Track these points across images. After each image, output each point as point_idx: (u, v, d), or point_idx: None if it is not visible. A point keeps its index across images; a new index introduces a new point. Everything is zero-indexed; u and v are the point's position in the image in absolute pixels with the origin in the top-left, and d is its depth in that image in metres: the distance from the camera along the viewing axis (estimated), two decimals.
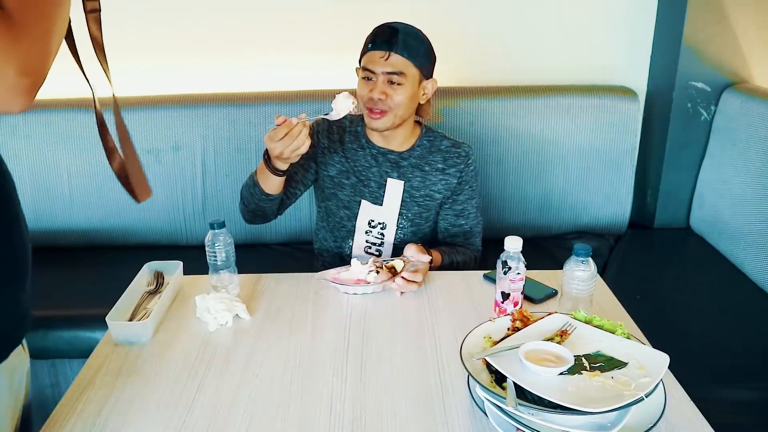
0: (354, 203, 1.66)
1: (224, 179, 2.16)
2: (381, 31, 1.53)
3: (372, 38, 1.54)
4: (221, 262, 1.36)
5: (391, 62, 1.50)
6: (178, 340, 1.25)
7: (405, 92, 1.53)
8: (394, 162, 1.64)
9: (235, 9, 2.17)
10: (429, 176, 1.64)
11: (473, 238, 1.71)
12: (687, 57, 2.10)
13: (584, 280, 1.24)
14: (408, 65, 1.52)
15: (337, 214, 1.69)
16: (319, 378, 1.12)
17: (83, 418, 1.03)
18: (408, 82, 1.53)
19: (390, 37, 1.51)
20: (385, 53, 1.50)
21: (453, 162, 1.65)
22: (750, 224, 1.91)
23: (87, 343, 1.72)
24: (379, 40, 1.52)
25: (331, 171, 1.67)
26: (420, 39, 1.56)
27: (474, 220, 1.70)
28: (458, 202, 1.67)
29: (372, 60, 1.52)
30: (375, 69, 1.51)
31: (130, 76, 2.24)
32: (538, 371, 0.93)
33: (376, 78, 1.52)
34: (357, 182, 1.65)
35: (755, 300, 1.83)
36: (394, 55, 1.50)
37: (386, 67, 1.51)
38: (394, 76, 1.51)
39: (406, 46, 1.51)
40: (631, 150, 2.18)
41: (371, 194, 1.65)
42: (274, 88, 2.18)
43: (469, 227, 1.69)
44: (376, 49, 1.51)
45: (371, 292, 1.40)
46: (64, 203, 2.17)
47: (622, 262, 2.09)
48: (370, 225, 1.67)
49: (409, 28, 1.55)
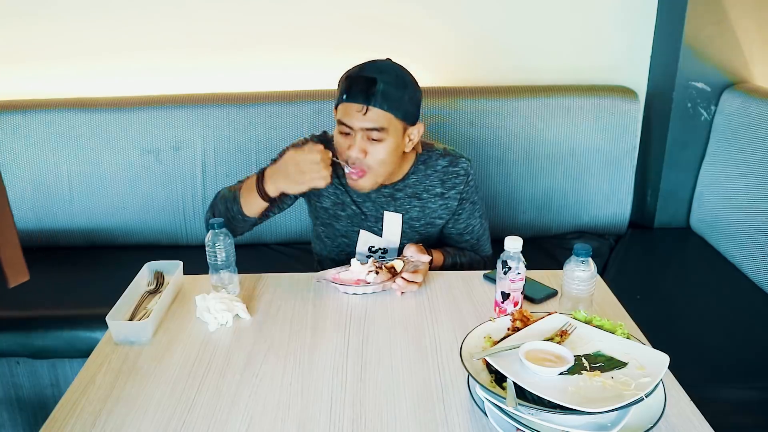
0: (352, 232, 1.57)
1: (224, 179, 2.15)
2: (356, 81, 1.33)
3: (347, 87, 1.34)
4: (221, 262, 1.35)
5: (370, 117, 1.33)
6: (178, 340, 1.25)
7: (386, 148, 1.37)
8: (389, 195, 1.52)
9: (235, 9, 2.16)
10: (428, 204, 1.53)
11: (481, 246, 1.65)
12: (687, 57, 2.10)
13: (584, 280, 1.24)
14: (389, 119, 1.34)
15: (335, 240, 1.62)
16: (319, 378, 1.12)
17: (83, 418, 1.03)
18: (390, 136, 1.36)
19: (367, 87, 1.31)
20: (362, 107, 1.32)
21: (452, 184, 1.52)
22: (750, 224, 1.91)
23: (87, 343, 1.72)
24: (355, 91, 1.32)
25: (325, 203, 1.56)
26: (402, 84, 1.36)
27: (479, 230, 1.62)
28: (460, 221, 1.58)
29: (348, 113, 1.34)
30: (352, 124, 1.34)
31: (130, 76, 2.24)
32: (538, 371, 0.93)
33: (354, 133, 1.36)
34: (353, 214, 1.55)
35: (755, 300, 1.83)
36: (373, 109, 1.32)
37: (364, 122, 1.33)
38: (374, 132, 1.34)
39: (386, 97, 1.32)
40: (631, 150, 2.18)
41: (369, 227, 1.56)
42: (274, 88, 2.18)
43: (475, 239, 1.63)
44: (352, 101, 1.33)
45: (371, 293, 1.40)
46: (64, 203, 2.17)
47: (622, 262, 2.09)
48: (370, 250, 1.60)
49: (387, 74, 1.34)
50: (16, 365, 1.84)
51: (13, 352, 1.80)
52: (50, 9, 2.15)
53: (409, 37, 2.18)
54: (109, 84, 2.23)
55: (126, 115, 2.12)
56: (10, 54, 2.21)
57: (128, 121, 2.12)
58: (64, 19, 2.16)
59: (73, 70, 2.23)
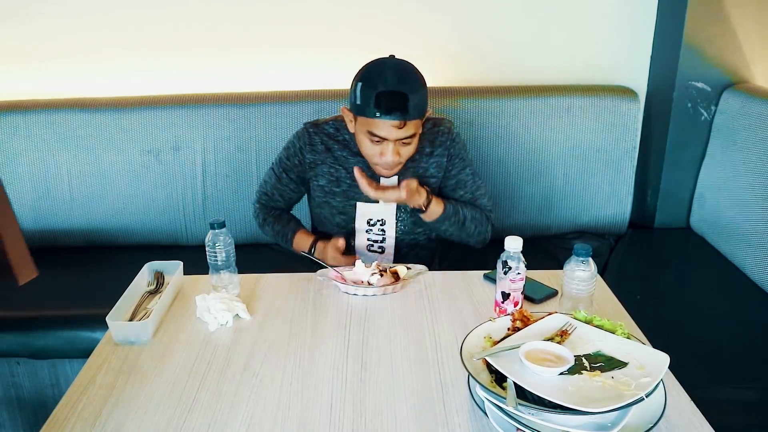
0: (349, 207, 1.65)
1: (224, 179, 2.16)
2: (389, 98, 1.42)
3: (378, 105, 1.42)
4: (221, 262, 1.36)
5: (406, 129, 1.45)
6: (178, 340, 1.25)
7: (414, 143, 1.52)
8: None
9: (235, 9, 2.16)
10: (420, 164, 1.63)
11: (478, 200, 1.68)
12: (687, 57, 2.10)
13: (584, 280, 1.24)
14: (418, 123, 1.48)
15: (333, 220, 1.68)
16: (319, 378, 1.12)
17: (83, 418, 1.03)
18: (417, 134, 1.50)
19: (401, 105, 1.42)
20: (400, 123, 1.43)
21: (438, 142, 1.63)
22: (750, 224, 1.91)
23: (87, 343, 1.72)
24: (389, 108, 1.42)
25: (321, 181, 1.66)
26: (421, 88, 1.47)
27: (473, 186, 1.67)
28: (451, 176, 1.66)
29: (382, 128, 1.44)
30: (388, 137, 1.45)
31: (131, 76, 2.24)
32: (538, 371, 0.93)
33: (387, 143, 1.47)
34: (349, 187, 1.63)
35: (755, 300, 1.82)
36: (409, 123, 1.44)
37: (401, 135, 1.45)
38: (408, 138, 1.48)
39: (416, 108, 1.44)
40: (631, 150, 2.18)
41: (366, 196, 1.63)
42: (274, 88, 2.18)
43: (470, 193, 1.67)
44: (388, 118, 1.43)
45: (372, 295, 1.40)
46: (64, 203, 2.17)
47: (622, 262, 2.09)
48: (369, 224, 1.66)
49: (411, 82, 1.45)
50: (16, 365, 1.84)
51: (13, 352, 1.80)
52: (50, 9, 2.15)
53: (409, 37, 2.18)
54: (109, 84, 2.23)
55: (126, 115, 2.12)
56: (10, 54, 2.21)
57: (128, 121, 2.12)
58: (63, 19, 2.16)
59: (73, 70, 2.23)
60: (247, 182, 2.15)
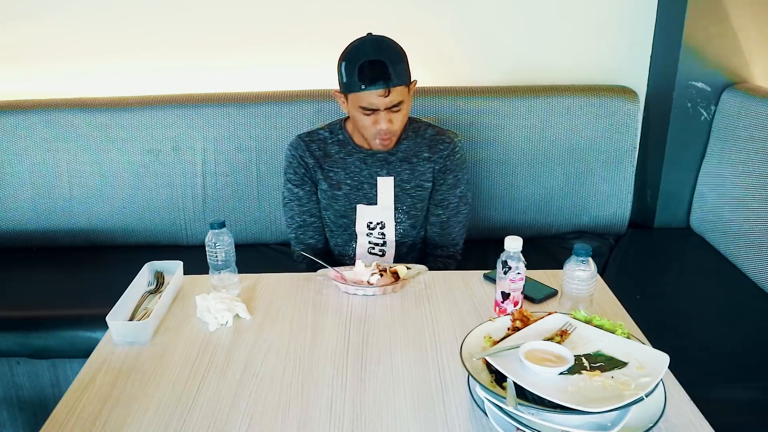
0: (350, 210, 1.67)
1: (224, 179, 2.16)
2: (370, 69, 1.48)
3: (361, 77, 1.48)
4: (221, 262, 1.36)
5: (392, 97, 1.49)
6: (178, 339, 1.25)
7: (405, 111, 1.55)
8: (383, 159, 1.65)
9: (235, 9, 2.16)
10: (417, 167, 1.65)
11: (449, 229, 1.71)
12: (687, 57, 2.10)
13: (584, 280, 1.24)
14: (403, 90, 1.52)
15: (336, 223, 1.71)
16: (319, 378, 1.12)
17: (83, 418, 1.03)
18: (405, 101, 1.54)
19: (382, 73, 1.47)
20: (385, 91, 1.48)
21: (437, 149, 1.65)
22: (750, 224, 1.91)
23: (87, 343, 1.72)
24: (372, 78, 1.47)
25: (323, 185, 1.68)
26: (401, 56, 1.53)
27: (453, 210, 1.69)
28: (439, 192, 1.68)
29: (370, 100, 1.50)
30: (378, 106, 1.50)
31: (131, 76, 2.24)
32: (538, 371, 0.93)
33: (378, 113, 1.52)
34: (350, 190, 1.66)
35: (755, 300, 1.82)
36: (393, 89, 1.49)
37: (388, 103, 1.50)
38: (396, 106, 1.52)
39: (398, 75, 1.49)
40: (631, 150, 2.18)
41: (365, 196, 1.66)
42: (274, 88, 2.18)
43: (446, 217, 1.70)
44: (373, 88, 1.48)
45: (372, 295, 1.40)
46: (64, 203, 2.17)
47: (622, 262, 2.08)
48: (369, 227, 1.68)
49: (388, 51, 1.51)
50: (16, 365, 1.84)
51: (13, 352, 1.80)
52: (50, 9, 2.15)
53: (409, 37, 2.16)
54: (109, 84, 2.23)
55: (126, 115, 2.12)
56: (10, 54, 2.21)
57: (128, 121, 2.12)
58: (63, 19, 2.16)
59: (73, 70, 2.23)
60: (247, 182, 2.15)
